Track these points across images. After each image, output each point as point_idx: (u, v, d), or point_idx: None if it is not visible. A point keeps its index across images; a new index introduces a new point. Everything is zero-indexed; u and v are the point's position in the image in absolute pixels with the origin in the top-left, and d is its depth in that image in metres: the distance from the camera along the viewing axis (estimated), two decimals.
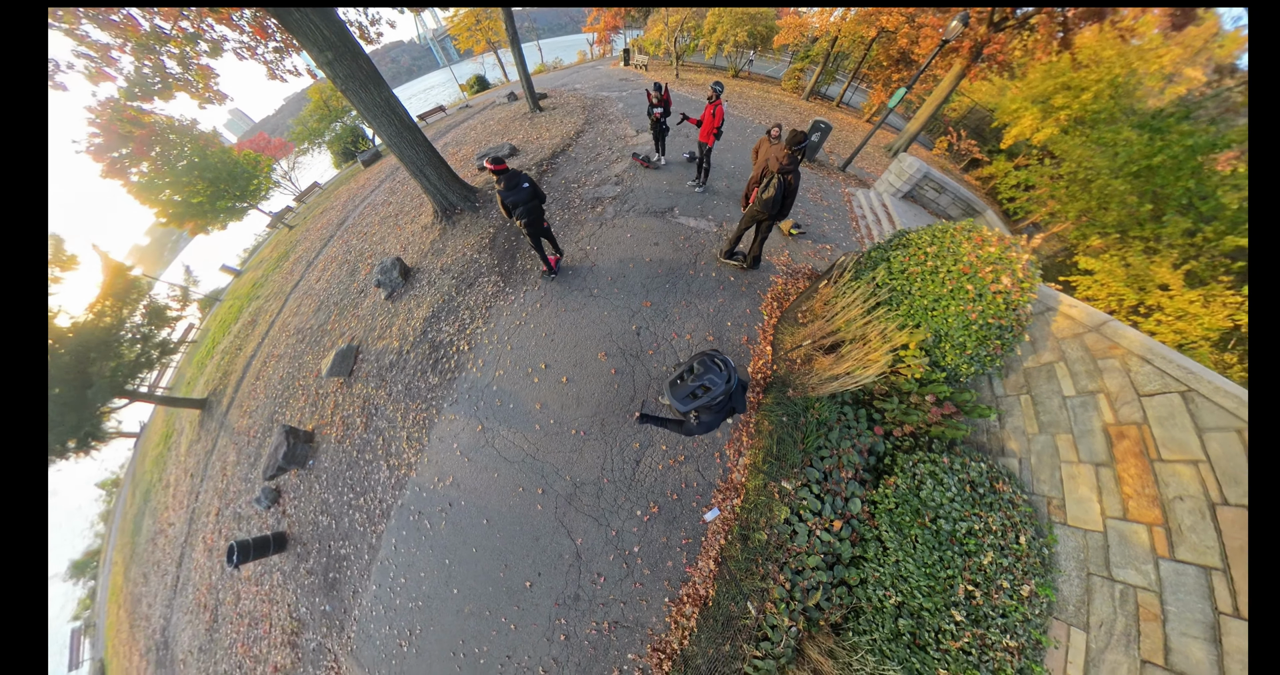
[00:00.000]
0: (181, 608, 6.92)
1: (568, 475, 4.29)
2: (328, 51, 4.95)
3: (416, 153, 6.79)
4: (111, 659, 9.09)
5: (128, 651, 8.27)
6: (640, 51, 18.50)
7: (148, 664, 7.25)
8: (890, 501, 3.27)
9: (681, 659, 3.45)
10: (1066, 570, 2.86)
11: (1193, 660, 2.31)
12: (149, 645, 7.40)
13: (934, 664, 2.69)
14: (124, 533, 10.46)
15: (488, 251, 6.80)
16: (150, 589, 7.92)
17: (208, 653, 6.02)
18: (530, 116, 11.85)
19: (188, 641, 6.48)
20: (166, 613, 7.22)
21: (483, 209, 7.79)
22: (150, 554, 8.35)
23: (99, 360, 7.11)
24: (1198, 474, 2.55)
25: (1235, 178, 5.06)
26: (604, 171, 8.15)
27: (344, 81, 5.39)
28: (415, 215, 8.87)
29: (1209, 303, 4.57)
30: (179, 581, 7.21)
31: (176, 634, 6.82)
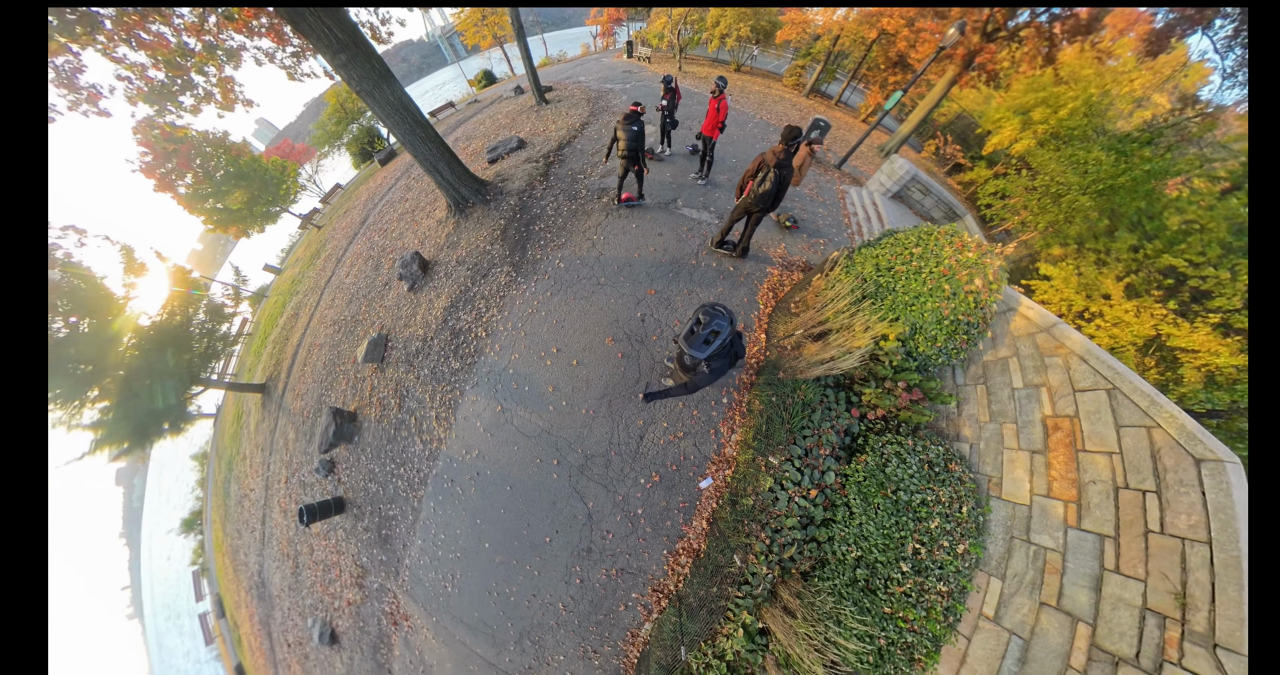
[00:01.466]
0: (270, 556, 7.99)
1: (579, 448, 4.63)
2: (341, 54, 4.88)
3: (429, 149, 6.76)
4: (225, 593, 11.03)
5: (235, 589, 9.96)
6: (643, 44, 17.55)
7: (252, 598, 8.76)
8: (860, 475, 3.65)
9: (676, 598, 3.99)
10: (995, 534, 3.33)
11: (1078, 603, 2.83)
12: (250, 584, 8.79)
13: (880, 603, 3.20)
14: (217, 496, 11.92)
15: (499, 243, 6.85)
16: (244, 542, 9.12)
17: (295, 591, 7.12)
18: (536, 109, 11.44)
19: (279, 582, 7.62)
20: (259, 560, 8.39)
21: (493, 202, 7.69)
22: (240, 514, 9.48)
23: (176, 353, 7.94)
24: (1110, 463, 2.96)
25: (1180, 201, 5.25)
26: (610, 163, 7.92)
27: (358, 82, 5.30)
28: (430, 210, 8.88)
29: (1140, 313, 4.88)
30: (265, 536, 8.24)
31: (269, 576, 8.00)
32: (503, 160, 9.00)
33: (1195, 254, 4.93)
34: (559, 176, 7.87)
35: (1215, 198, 4.99)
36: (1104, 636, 2.68)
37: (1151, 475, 2.78)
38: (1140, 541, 2.73)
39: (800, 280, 5.55)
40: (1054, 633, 2.89)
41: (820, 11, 12.87)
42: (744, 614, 3.73)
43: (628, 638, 4.15)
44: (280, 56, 4.61)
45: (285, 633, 7.50)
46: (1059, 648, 2.84)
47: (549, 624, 4.35)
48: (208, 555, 13.25)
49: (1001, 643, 3.10)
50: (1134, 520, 2.78)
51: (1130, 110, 9.61)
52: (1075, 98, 7.98)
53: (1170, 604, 2.49)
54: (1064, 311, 5.67)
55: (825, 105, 14.72)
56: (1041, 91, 8.55)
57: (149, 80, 3.88)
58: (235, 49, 4.21)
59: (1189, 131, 6.33)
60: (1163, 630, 2.48)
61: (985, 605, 3.23)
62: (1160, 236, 5.25)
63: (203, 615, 13.40)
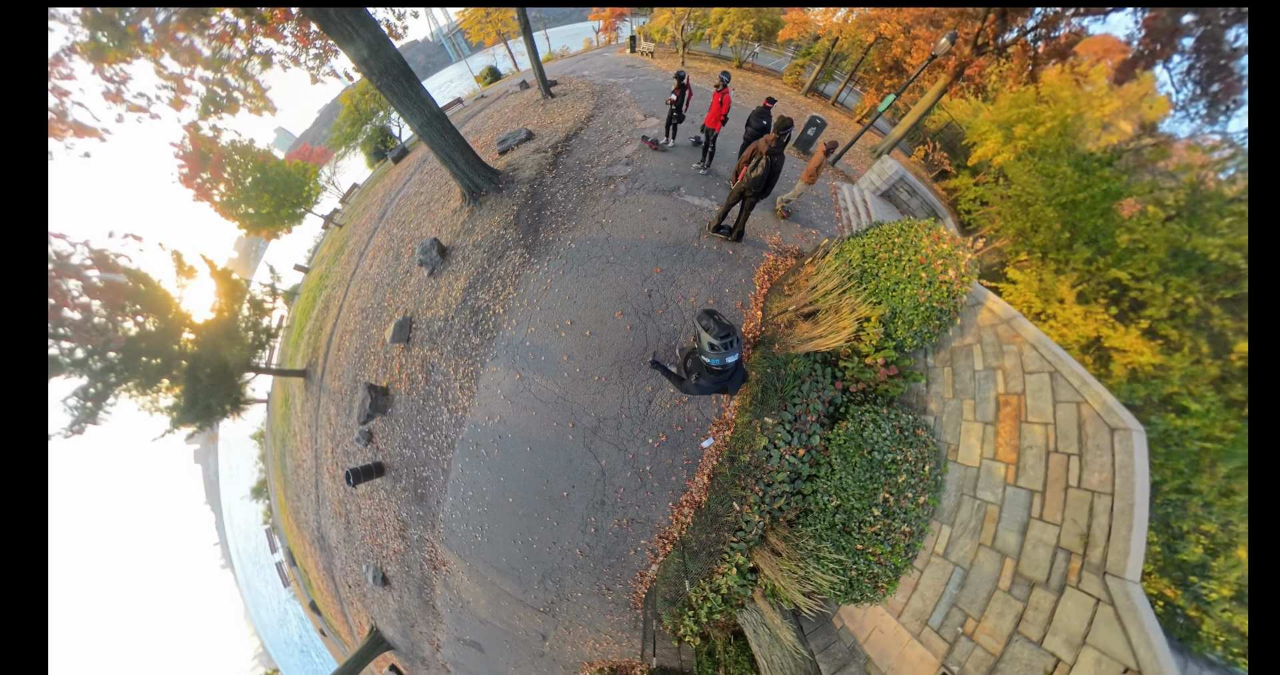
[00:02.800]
0: (325, 515, 8.94)
1: (593, 412, 4.90)
2: (364, 49, 5.07)
3: (445, 140, 6.86)
4: (293, 546, 12.54)
5: (299, 543, 11.41)
6: (646, 39, 16.97)
7: (315, 549, 10.04)
8: (841, 438, 4.05)
9: (680, 543, 4.44)
10: (949, 491, 3.82)
11: (1008, 543, 3.36)
12: (312, 538, 10.01)
13: (854, 541, 3.70)
14: (276, 468, 13.17)
15: (513, 227, 6.94)
16: (303, 504, 10.25)
17: (349, 543, 8.06)
18: (543, 103, 11.30)
19: (335, 536, 8.62)
20: (317, 519, 9.44)
21: (506, 189, 7.73)
22: (297, 481, 10.54)
23: (228, 346, 8.67)
24: (1045, 432, 3.45)
25: (1130, 222, 5.75)
26: (615, 153, 8.00)
27: (379, 77, 5.45)
28: (445, 200, 8.95)
29: (1087, 317, 5.43)
30: (319, 498, 9.18)
31: (327, 531, 9.01)
32: (513, 151, 9.07)
33: (1137, 270, 5.43)
34: (567, 165, 7.93)
35: (1160, 223, 5.50)
36: (1025, 567, 3.24)
37: (1076, 441, 3.28)
38: (1061, 495, 3.26)
39: (793, 265, 5.79)
40: (987, 565, 3.45)
41: (821, 13, 12.81)
42: (737, 555, 4.20)
43: (636, 577, 4.67)
44: (304, 60, 4.81)
45: (345, 577, 8.58)
46: (991, 575, 3.40)
47: (568, 567, 4.83)
48: (275, 516, 14.92)
49: (947, 573, 3.65)
50: (1058, 478, 3.30)
51: (1098, 133, 10.15)
52: (1053, 117, 8.39)
53: (1077, 542, 3.04)
54: (1024, 312, 6.19)
55: (823, 104, 14.77)
56: (1024, 108, 8.89)
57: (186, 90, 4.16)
58: (266, 53, 4.43)
59: (1144, 157, 6.82)
60: (1068, 562, 3.04)
61: (937, 545, 3.76)
62: (1111, 252, 5.71)
63: (278, 564, 16.55)
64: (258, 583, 29.69)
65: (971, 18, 8.91)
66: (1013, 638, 3.14)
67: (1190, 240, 5.14)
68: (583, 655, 5.29)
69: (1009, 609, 3.23)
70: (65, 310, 6.24)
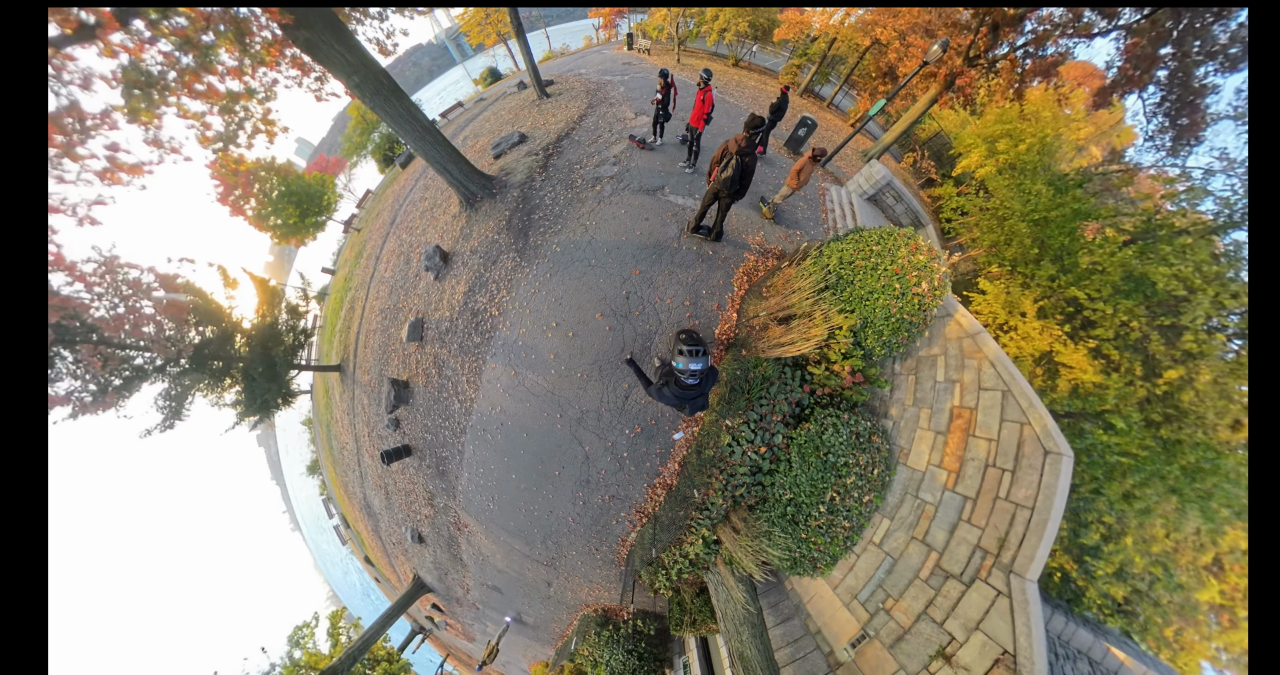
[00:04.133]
0: (369, 488, 9.55)
1: (577, 405, 4.92)
2: (354, 75, 5.09)
3: (439, 152, 6.74)
4: (346, 513, 13.63)
5: (350, 510, 12.32)
6: (643, 36, 15.54)
7: (363, 515, 10.79)
8: (802, 438, 4.03)
9: (653, 517, 4.59)
10: (895, 489, 3.83)
11: (937, 539, 3.43)
12: (360, 507, 10.77)
13: (799, 531, 3.79)
14: (325, 449, 14.04)
15: (505, 232, 6.78)
16: (350, 479, 10.93)
17: (390, 510, 8.76)
18: (538, 103, 10.60)
19: (378, 505, 9.34)
20: (362, 491, 10.10)
21: (499, 195, 7.47)
22: (343, 460, 11.25)
23: (274, 347, 9.17)
24: (988, 447, 3.42)
25: (1092, 244, 5.44)
26: (603, 152, 7.47)
27: (370, 98, 5.45)
28: (445, 206, 8.77)
29: (1044, 332, 5.28)
30: (362, 474, 9.78)
31: (371, 501, 9.68)
32: (506, 155, 8.71)
33: (1093, 290, 5.23)
34: (557, 167, 7.60)
35: (1117, 247, 5.21)
36: (946, 561, 3.33)
37: (1013, 459, 3.26)
38: (990, 504, 3.29)
39: (774, 267, 5.42)
40: (914, 556, 3.55)
41: (818, 14, 11.82)
42: (703, 529, 4.34)
43: (619, 542, 5.02)
44: (306, 82, 4.77)
45: (390, 537, 9.46)
46: (915, 565, 3.51)
47: (563, 531, 5.23)
48: (329, 489, 16.24)
49: (880, 560, 3.77)
50: (991, 489, 3.31)
51: (1072, 155, 9.57)
52: (1034, 135, 7.88)
53: (994, 544, 3.10)
54: (989, 322, 6.02)
55: (817, 106, 13.78)
56: (1008, 124, 8.43)
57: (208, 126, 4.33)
58: (270, 84, 4.46)
59: (1110, 182, 6.41)
60: (983, 560, 3.11)
61: (875, 536, 3.85)
62: (1073, 271, 5.50)
63: (335, 527, 17.41)
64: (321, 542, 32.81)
65: (965, 30, 8.32)
66: (921, 617, 3.31)
67: (1141, 267, 4.90)
68: (581, 599, 5.93)
69: (923, 594, 3.37)
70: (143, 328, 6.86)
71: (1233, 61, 6.16)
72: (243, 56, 4.01)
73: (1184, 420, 4.71)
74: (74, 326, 6.22)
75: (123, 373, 6.99)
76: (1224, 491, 4.71)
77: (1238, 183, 5.45)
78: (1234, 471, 4.64)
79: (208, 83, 3.97)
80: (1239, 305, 4.58)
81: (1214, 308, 4.65)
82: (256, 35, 4.01)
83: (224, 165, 4.71)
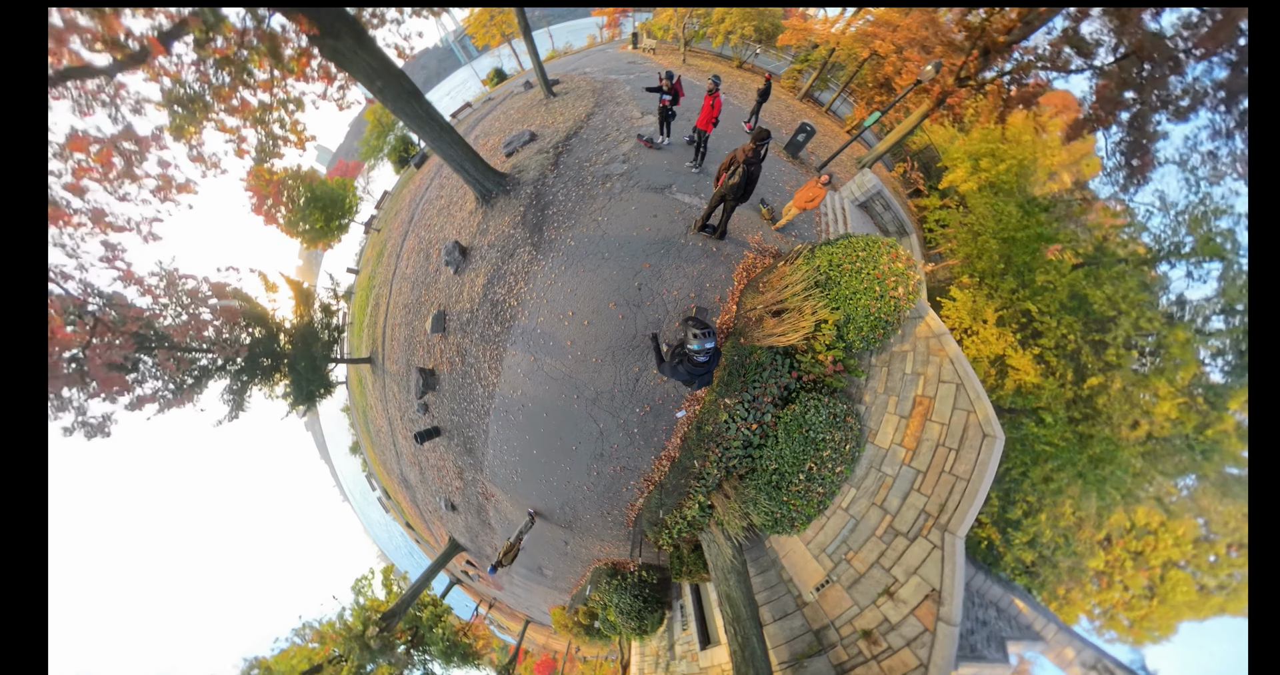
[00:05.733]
0: (404, 465, 10.50)
1: (592, 387, 5.40)
2: (377, 81, 5.35)
3: (456, 151, 6.97)
4: (386, 486, 15.17)
5: (390, 483, 13.80)
6: (649, 36, 15.24)
7: (401, 488, 12.00)
8: (788, 417, 4.60)
9: (658, 485, 5.19)
10: (863, 463, 4.52)
11: (892, 505, 4.10)
12: (398, 481, 11.87)
13: (781, 495, 4.45)
14: (363, 432, 15.44)
15: (520, 227, 7.01)
16: (387, 457, 12.09)
17: (424, 483, 9.72)
18: (545, 102, 10.76)
19: (414, 479, 10.31)
20: (399, 467, 11.12)
21: (513, 191, 7.71)
22: (380, 441, 12.30)
23: (312, 343, 10.14)
24: (940, 430, 4.11)
25: (1048, 264, 6.14)
26: (612, 151, 7.70)
27: (392, 102, 5.72)
28: (461, 203, 8.97)
29: (999, 338, 6.04)
30: (398, 453, 10.67)
31: (408, 476, 10.70)
32: (518, 153, 8.90)
33: (1044, 305, 5.98)
34: (567, 164, 7.79)
35: (1068, 268, 5.98)
36: (897, 523, 4.05)
37: (959, 440, 3.98)
38: (936, 477, 4.00)
39: (770, 264, 5.85)
40: (873, 518, 4.28)
41: (820, 22, 12.08)
42: (700, 496, 4.96)
43: (628, 507, 5.64)
44: (330, 92, 4.96)
45: (426, 506, 10.52)
46: (872, 525, 4.24)
47: (579, 498, 5.90)
48: (369, 466, 17.87)
49: (845, 521, 4.49)
50: (938, 464, 4.04)
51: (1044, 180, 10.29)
52: (1014, 157, 8.38)
53: (935, 509, 3.83)
54: (956, 326, 6.76)
55: (816, 111, 14.00)
56: (992, 144, 8.90)
57: (243, 139, 4.57)
58: (299, 97, 4.71)
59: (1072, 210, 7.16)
60: (925, 521, 3.86)
61: (843, 502, 4.55)
62: (1030, 286, 6.19)
63: (379, 499, 20.27)
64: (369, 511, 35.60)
65: (958, 51, 8.71)
66: (873, 565, 4.06)
67: (1085, 288, 5.69)
68: (593, 555, 6.67)
69: (877, 548, 4.11)
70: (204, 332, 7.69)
71: (1182, 112, 6.78)
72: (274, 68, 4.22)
73: (1097, 418, 5.65)
74: (149, 334, 6.96)
75: (193, 373, 7.84)
76: (1117, 478, 5.75)
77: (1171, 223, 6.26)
78: (1126, 462, 5.67)
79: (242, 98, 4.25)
80: (1152, 329, 5.47)
81: (1133, 329, 5.52)
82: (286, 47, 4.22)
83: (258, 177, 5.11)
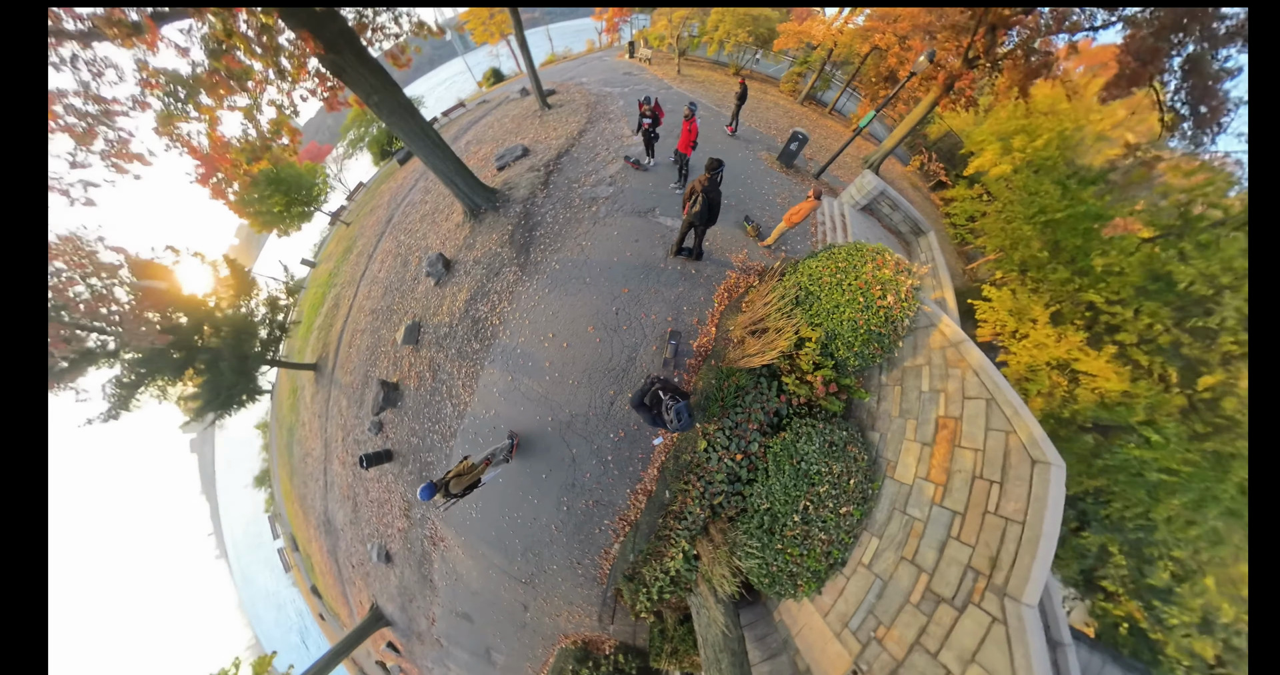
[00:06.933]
0: (333, 500, 8.79)
1: (567, 409, 5.09)
2: (374, 95, 5.40)
3: (447, 166, 7.01)
4: (296, 532, 11.98)
5: (304, 527, 10.94)
6: (645, 45, 16.23)
7: (320, 533, 9.57)
8: (778, 447, 3.92)
9: (634, 525, 4.57)
10: (883, 505, 3.61)
11: (926, 559, 3.17)
12: (318, 523, 9.58)
13: (775, 541, 3.62)
14: (281, 456, 12.66)
15: (508, 246, 7.04)
16: (309, 491, 9.93)
17: (355, 524, 7.97)
18: (540, 114, 10.88)
19: (341, 519, 8.45)
20: (324, 503, 9.20)
21: (502, 208, 7.75)
22: (304, 468, 10.27)
23: (248, 340, 8.60)
24: (974, 458, 3.20)
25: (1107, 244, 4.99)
26: (600, 172, 7.80)
27: (388, 117, 5.73)
28: (448, 214, 8.88)
29: (1060, 340, 4.83)
30: (327, 484, 9.04)
31: (334, 515, 8.82)
32: (509, 168, 8.94)
33: (1110, 293, 4.80)
34: (557, 184, 7.84)
35: (1135, 246, 4.78)
36: (936, 584, 3.06)
37: (1000, 469, 3.03)
38: (979, 519, 3.03)
39: (753, 283, 5.57)
40: (904, 578, 3.28)
41: (816, 23, 11.93)
42: (683, 542, 4.24)
43: (601, 554, 4.88)
44: (320, 92, 5.03)
45: (349, 557, 8.43)
46: (905, 588, 3.24)
47: (545, 541, 5.13)
48: (277, 503, 14.26)
49: (869, 582, 3.51)
50: (979, 502, 3.07)
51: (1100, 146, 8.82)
52: (1052, 129, 7.45)
53: (985, 564, 2.83)
54: (999, 331, 5.63)
55: (818, 113, 13.70)
56: (1022, 119, 7.98)
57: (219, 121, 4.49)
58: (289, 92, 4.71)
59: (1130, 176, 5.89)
60: (975, 582, 2.84)
61: (864, 556, 3.61)
62: (1089, 274, 5.09)
63: (280, 550, 14.63)
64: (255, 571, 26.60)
65: (962, 32, 8.05)
66: (914, 647, 3.01)
67: (1166, 265, 4.45)
68: (559, 627, 5.51)
69: (915, 621, 3.08)
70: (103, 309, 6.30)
71: None
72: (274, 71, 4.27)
73: (1232, 430, 4.05)
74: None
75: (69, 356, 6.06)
76: None
77: None
78: None
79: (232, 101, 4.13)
80: None
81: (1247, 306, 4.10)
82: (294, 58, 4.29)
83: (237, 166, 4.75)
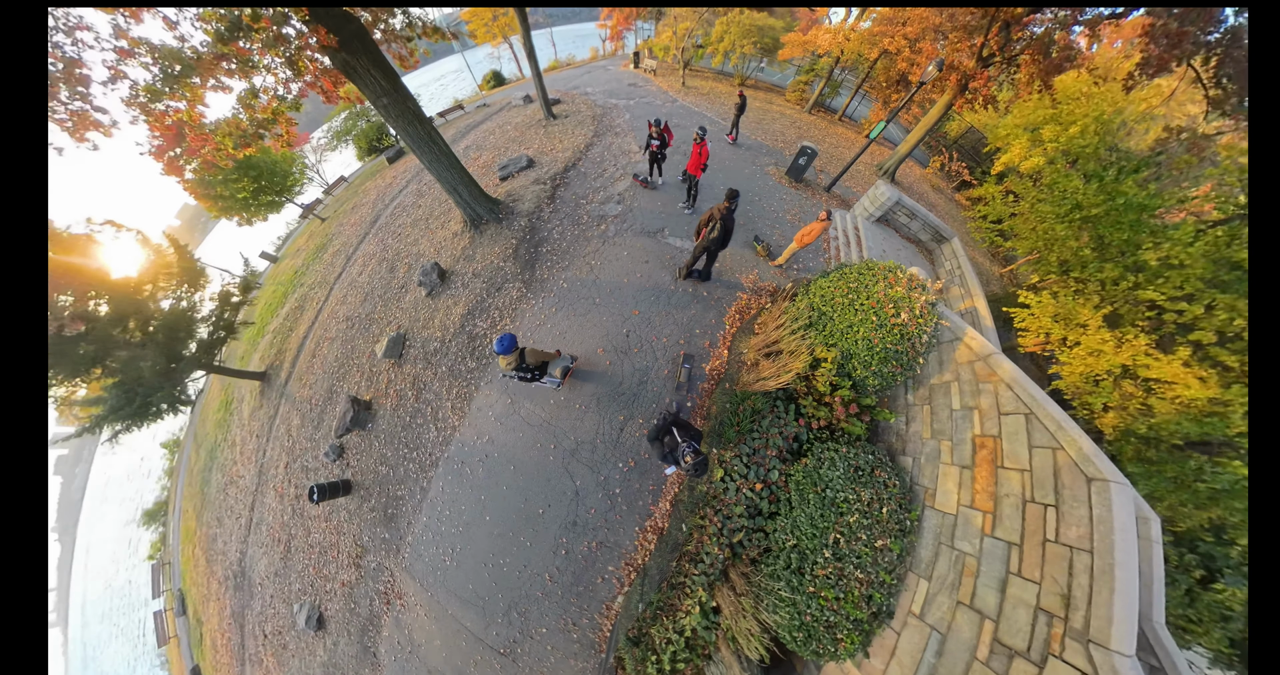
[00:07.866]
0: (256, 543, 6.97)
1: (572, 436, 4.91)
2: (383, 98, 5.35)
3: (452, 174, 6.77)
4: (190, 588, 9.05)
5: (205, 581, 8.19)
6: (650, 55, 16.58)
7: (226, 589, 7.35)
8: (800, 474, 3.64)
9: (642, 571, 4.14)
10: (926, 540, 3.21)
11: (987, 603, 2.73)
12: (226, 574, 7.43)
13: (806, 583, 3.23)
14: (191, 485, 10.08)
15: (512, 261, 6.69)
16: (225, 530, 7.86)
17: (282, 576, 6.33)
18: (544, 124, 10.43)
19: (264, 568, 6.67)
20: (242, 548, 7.24)
21: (505, 221, 7.31)
22: (223, 501, 8.23)
23: (185, 339, 7.24)
24: (1021, 479, 2.84)
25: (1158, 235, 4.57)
26: (608, 189, 7.69)
27: (395, 120, 5.61)
28: (444, 221, 8.27)
29: (1121, 345, 4.35)
30: (252, 522, 7.20)
31: (253, 564, 6.92)
32: (513, 178, 8.48)
33: (1171, 289, 4.31)
34: (564, 200, 7.53)
35: (1191, 235, 4.30)
36: (1004, 632, 2.58)
37: (1053, 491, 2.65)
38: (1039, 549, 2.60)
39: (765, 304, 5.55)
40: (966, 628, 2.80)
41: (822, 32, 11.91)
42: (699, 591, 3.77)
43: (603, 610, 4.13)
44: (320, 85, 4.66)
45: (263, 623, 6.45)
46: (969, 642, 2.75)
47: (535, 595, 4.32)
48: (170, 548, 10.78)
49: (924, 637, 3.02)
50: (1035, 530, 2.66)
51: (1145, 127, 8.35)
52: (1086, 115, 7.00)
53: (1057, 604, 2.37)
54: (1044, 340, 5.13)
55: (828, 120, 13.49)
56: (1050, 109, 7.57)
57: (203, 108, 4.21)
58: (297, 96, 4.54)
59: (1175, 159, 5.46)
60: (1049, 627, 2.37)
61: (914, 604, 3.15)
62: (1144, 269, 4.63)
63: (157, 613, 10.41)
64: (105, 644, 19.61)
65: (975, 31, 8.04)
66: None
67: (1239, 252, 3.98)
68: None
69: None
70: None
71: None
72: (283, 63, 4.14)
73: None
74: None
75: None
76: None
77: None
78: None
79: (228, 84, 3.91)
80: None
81: None
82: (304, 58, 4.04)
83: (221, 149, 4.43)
